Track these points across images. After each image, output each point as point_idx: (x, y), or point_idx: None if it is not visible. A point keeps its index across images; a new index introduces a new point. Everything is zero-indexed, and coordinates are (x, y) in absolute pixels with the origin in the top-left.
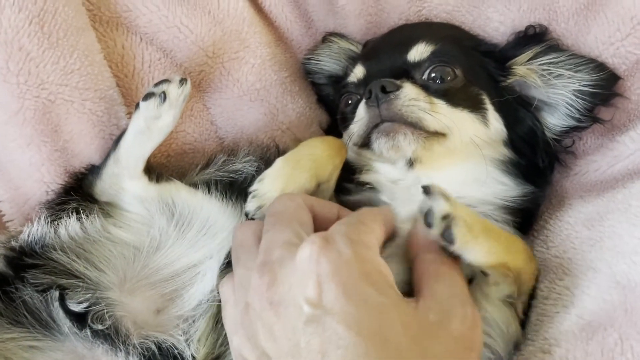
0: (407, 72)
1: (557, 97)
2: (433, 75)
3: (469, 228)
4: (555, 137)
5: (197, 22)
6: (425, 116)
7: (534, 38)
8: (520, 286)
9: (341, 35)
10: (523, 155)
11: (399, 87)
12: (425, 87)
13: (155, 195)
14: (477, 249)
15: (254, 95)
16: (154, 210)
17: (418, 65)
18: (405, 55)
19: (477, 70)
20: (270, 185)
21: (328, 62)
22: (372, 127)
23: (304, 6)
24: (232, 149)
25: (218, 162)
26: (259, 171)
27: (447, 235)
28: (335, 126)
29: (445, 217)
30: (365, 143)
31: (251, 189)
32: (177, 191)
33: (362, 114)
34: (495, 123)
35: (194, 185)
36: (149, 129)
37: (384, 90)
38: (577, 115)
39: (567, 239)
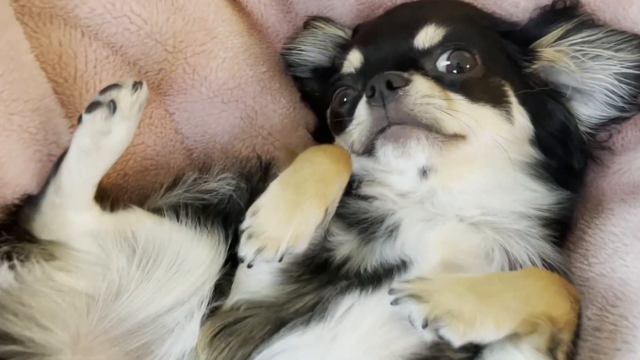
0: (414, 62)
1: (594, 83)
2: (447, 63)
3: (458, 317)
4: (589, 130)
5: (151, 10)
6: (442, 116)
7: (562, 13)
8: (557, 331)
9: (326, 20)
10: (553, 155)
11: (408, 82)
12: (439, 80)
13: (110, 229)
14: (482, 331)
15: (226, 96)
16: (110, 247)
17: (428, 52)
18: (412, 40)
19: (497, 55)
20: (269, 220)
21: (312, 52)
22: (377, 132)
23: None
24: (204, 163)
25: (187, 180)
26: (238, 191)
27: (442, 338)
28: (324, 127)
29: (428, 322)
30: (367, 150)
31: (243, 225)
32: (139, 221)
33: (363, 115)
34: (521, 118)
35: (159, 211)
36: (97, 147)
37: (390, 86)
38: (619, 104)
39: (614, 254)
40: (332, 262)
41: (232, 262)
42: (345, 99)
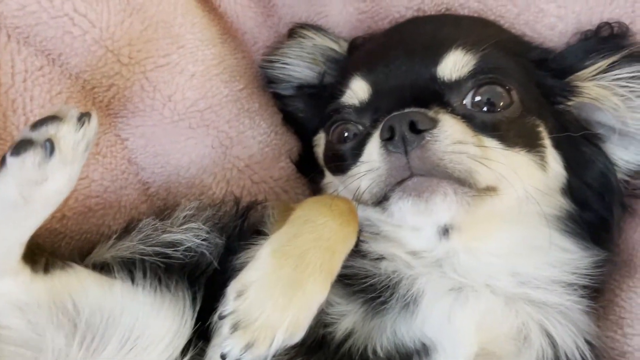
0: (438, 95)
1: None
2: (478, 99)
3: None
4: (625, 178)
5: (101, 10)
6: (476, 167)
7: (606, 41)
8: None
9: (317, 29)
10: (586, 206)
11: (435, 123)
12: (468, 119)
13: (44, 298)
14: None
15: (195, 119)
16: (43, 322)
17: (455, 85)
18: (434, 68)
19: (531, 88)
20: (261, 305)
21: (298, 67)
22: (396, 184)
23: None
24: (164, 201)
25: (144, 229)
26: (210, 244)
27: None
28: (308, 155)
29: None
30: (378, 201)
31: (225, 309)
32: (81, 286)
33: (376, 160)
34: (555, 165)
35: (107, 267)
36: (26, 200)
37: (413, 128)
38: None
39: None
40: (332, 339)
41: (200, 333)
42: (346, 134)
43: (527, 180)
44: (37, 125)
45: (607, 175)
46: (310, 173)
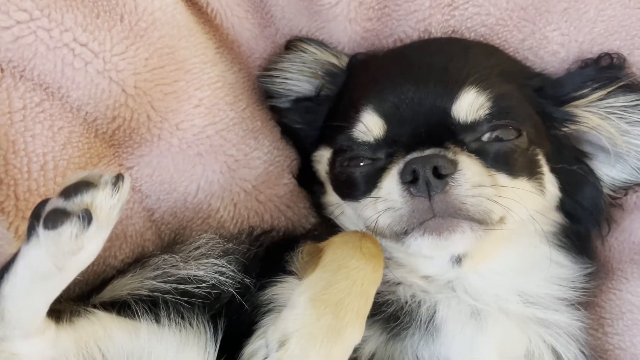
0: (452, 133)
1: (630, 147)
2: (492, 137)
3: None
4: (609, 192)
5: (103, 38)
6: (493, 207)
7: (604, 71)
8: None
9: (318, 43)
10: (575, 219)
11: (455, 166)
12: (482, 154)
13: (71, 349)
14: None
15: (204, 146)
16: None
17: (471, 126)
18: (450, 106)
19: (533, 118)
20: (304, 355)
21: (298, 82)
22: (418, 224)
23: None
24: (169, 227)
25: (160, 264)
26: (234, 282)
27: None
28: (306, 166)
29: None
30: (396, 237)
31: (267, 358)
32: (106, 333)
33: (397, 200)
34: (551, 188)
35: (125, 305)
36: (60, 270)
37: (436, 172)
38: None
39: (634, 327)
40: None
41: None
42: (358, 164)
43: (529, 205)
44: (70, 193)
45: (596, 192)
46: (310, 186)
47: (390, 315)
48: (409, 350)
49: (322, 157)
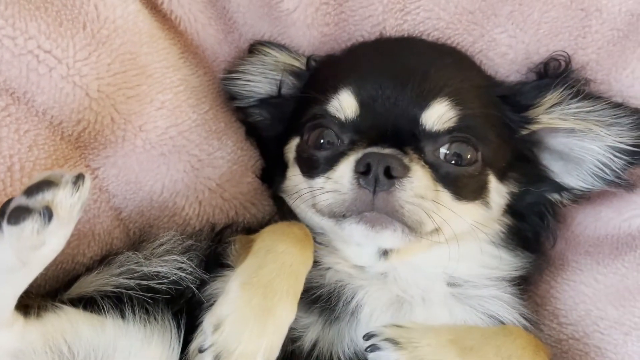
0: (415, 138)
1: (585, 153)
2: (449, 152)
3: None
4: (566, 201)
5: (66, 44)
6: (427, 220)
7: (560, 77)
8: None
9: (279, 46)
10: (523, 218)
11: (406, 171)
12: (435, 168)
13: (39, 342)
14: None
15: (167, 147)
16: None
17: (434, 135)
18: (419, 112)
19: (495, 129)
20: (238, 335)
21: (260, 83)
22: (356, 212)
23: (222, 3)
24: (137, 225)
25: (125, 261)
26: (195, 277)
27: None
28: (270, 165)
29: None
30: (334, 217)
31: (205, 343)
32: (73, 327)
33: (345, 185)
34: (497, 199)
35: (92, 301)
36: (23, 263)
37: (387, 172)
38: (609, 177)
39: (587, 317)
40: (300, 352)
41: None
42: (322, 141)
43: (470, 219)
44: (32, 191)
45: (546, 198)
46: (270, 182)
47: (322, 299)
48: (345, 333)
49: (292, 147)
